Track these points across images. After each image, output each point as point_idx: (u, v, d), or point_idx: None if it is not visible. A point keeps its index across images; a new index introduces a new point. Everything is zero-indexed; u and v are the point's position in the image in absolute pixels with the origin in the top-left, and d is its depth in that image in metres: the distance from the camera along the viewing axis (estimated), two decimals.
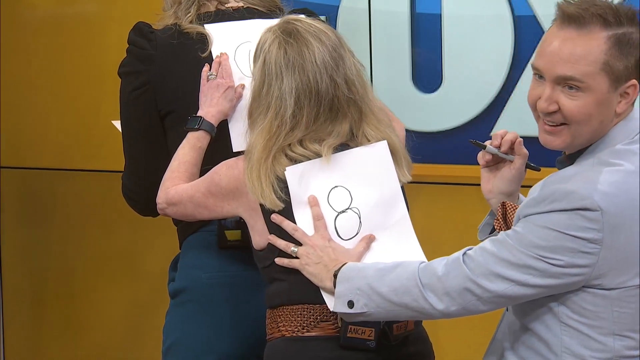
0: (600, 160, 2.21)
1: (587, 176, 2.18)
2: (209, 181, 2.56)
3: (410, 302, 2.26)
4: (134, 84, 2.80)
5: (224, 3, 2.87)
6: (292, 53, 2.48)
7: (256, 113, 2.51)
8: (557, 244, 2.15)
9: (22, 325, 4.55)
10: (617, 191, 2.15)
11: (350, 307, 2.32)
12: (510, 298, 2.21)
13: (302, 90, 2.46)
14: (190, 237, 2.82)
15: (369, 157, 2.52)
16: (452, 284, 2.22)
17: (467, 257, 2.23)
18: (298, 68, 2.47)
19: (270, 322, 2.54)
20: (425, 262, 2.30)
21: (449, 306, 2.23)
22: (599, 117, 2.21)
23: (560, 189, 2.16)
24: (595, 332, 2.21)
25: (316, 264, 2.42)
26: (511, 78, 3.43)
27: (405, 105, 3.53)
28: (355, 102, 2.52)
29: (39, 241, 4.45)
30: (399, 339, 2.51)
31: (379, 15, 3.58)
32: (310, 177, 2.48)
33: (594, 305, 2.20)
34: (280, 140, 2.46)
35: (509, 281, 2.19)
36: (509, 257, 2.19)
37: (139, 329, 4.29)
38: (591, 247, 2.14)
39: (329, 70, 2.48)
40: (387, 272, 2.30)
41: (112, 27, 4.08)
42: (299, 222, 2.47)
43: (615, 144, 2.23)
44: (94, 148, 4.23)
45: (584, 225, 2.14)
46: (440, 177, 3.50)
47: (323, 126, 2.49)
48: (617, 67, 2.18)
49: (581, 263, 2.15)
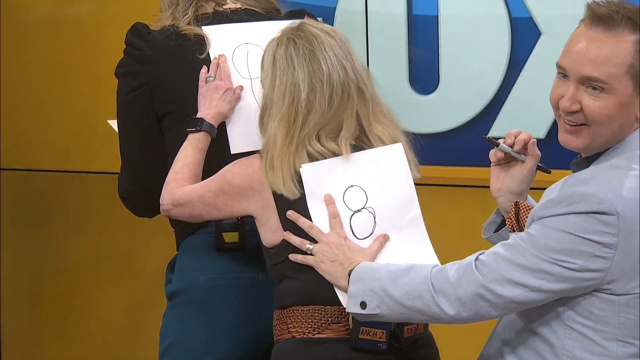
0: (618, 165, 2.20)
1: (606, 180, 2.17)
2: (221, 179, 2.56)
3: (422, 306, 2.25)
4: (131, 85, 2.80)
5: (221, 4, 2.87)
6: (301, 43, 2.52)
7: (271, 107, 2.52)
8: (572, 247, 2.14)
9: (20, 326, 4.55)
10: (635, 196, 2.14)
11: (362, 307, 2.31)
12: (523, 304, 2.20)
13: (314, 74, 2.50)
14: (188, 239, 2.82)
15: (385, 158, 2.54)
16: (465, 290, 2.21)
17: (479, 262, 2.22)
18: (309, 55, 2.51)
19: (279, 323, 2.53)
20: (438, 265, 2.30)
21: (461, 312, 2.22)
22: (619, 119, 2.21)
23: (579, 192, 2.16)
24: (599, 337, 2.21)
25: (332, 262, 2.42)
26: (508, 80, 3.43)
27: (402, 106, 3.49)
28: (363, 93, 2.55)
29: (36, 242, 4.45)
30: (410, 342, 2.51)
31: (375, 17, 3.58)
32: (326, 176, 2.49)
33: (602, 310, 2.19)
34: (299, 126, 2.48)
35: (522, 287, 2.18)
36: (523, 261, 2.18)
37: (137, 330, 4.29)
38: (606, 252, 2.14)
39: (338, 57, 2.52)
40: (400, 275, 2.30)
41: (109, 29, 4.08)
42: (314, 219, 2.47)
43: (633, 149, 2.22)
44: (91, 150, 4.23)
45: (600, 229, 2.13)
46: (438, 178, 3.51)
47: (337, 112, 2.51)
48: None
49: (595, 267, 2.15)
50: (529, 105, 3.37)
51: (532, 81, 3.39)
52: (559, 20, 3.30)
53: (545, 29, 3.36)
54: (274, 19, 2.86)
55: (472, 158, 3.49)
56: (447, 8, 3.49)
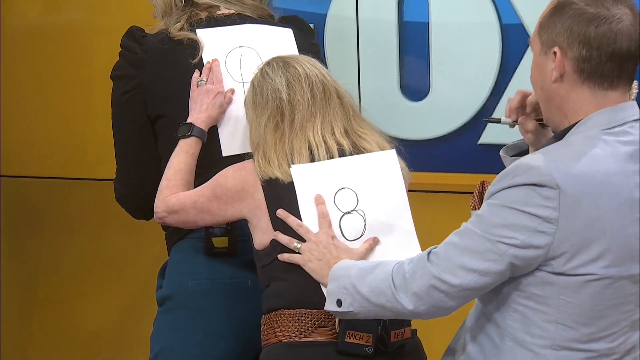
0: (572, 142, 2.22)
1: (552, 154, 2.19)
2: (214, 184, 2.58)
3: (385, 302, 2.26)
4: (125, 88, 2.81)
5: (214, 12, 2.88)
6: (274, 61, 2.61)
7: (255, 118, 2.57)
8: (513, 221, 2.15)
9: (13, 331, 4.54)
10: (579, 172, 2.15)
11: (339, 305, 2.32)
12: (475, 289, 2.21)
13: (291, 77, 2.56)
14: (178, 244, 2.82)
15: (378, 163, 2.56)
16: (418, 283, 2.22)
17: (432, 254, 2.24)
18: (283, 65, 2.58)
19: (266, 327, 2.54)
20: (400, 261, 2.30)
21: (418, 306, 2.22)
22: (537, 81, 2.27)
23: (523, 163, 2.18)
24: (539, 319, 2.21)
25: (319, 261, 2.44)
26: (499, 86, 3.44)
27: (393, 113, 3.53)
28: (341, 100, 2.59)
29: (29, 248, 4.45)
30: (396, 346, 2.51)
31: (366, 24, 3.59)
32: (317, 177, 2.51)
33: (542, 291, 2.20)
34: (288, 122, 2.53)
35: (473, 272, 2.19)
36: (470, 244, 2.19)
37: (130, 335, 4.28)
38: (547, 227, 2.15)
39: (313, 64, 2.60)
40: (368, 272, 2.31)
41: (100, 35, 4.07)
42: (304, 219, 2.49)
43: (591, 128, 2.22)
44: (83, 157, 4.22)
45: (541, 203, 2.14)
46: (428, 185, 3.51)
47: (323, 106, 2.55)
48: (545, 31, 2.23)
49: (537, 243, 2.16)
50: None
51: (523, 87, 3.38)
52: None
53: None
54: (267, 24, 2.87)
55: (463, 164, 3.50)
56: (437, 15, 3.50)
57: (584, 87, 2.22)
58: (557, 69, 2.21)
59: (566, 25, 2.20)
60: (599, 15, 2.19)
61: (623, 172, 2.18)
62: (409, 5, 3.53)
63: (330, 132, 2.56)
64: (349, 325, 2.43)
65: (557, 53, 2.21)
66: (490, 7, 3.42)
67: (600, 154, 2.18)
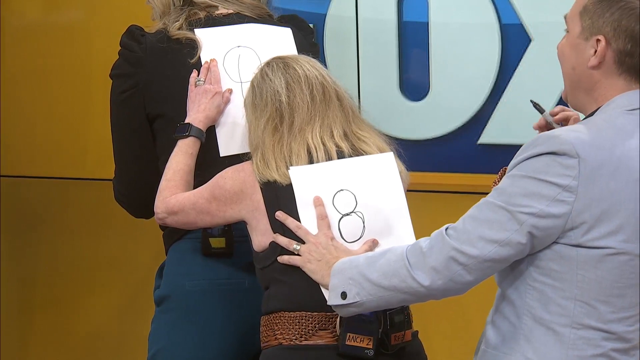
0: (593, 120, 2.24)
1: (575, 127, 2.22)
2: (213, 185, 2.58)
3: (399, 283, 2.25)
4: (123, 87, 2.81)
5: (213, 12, 2.88)
6: (273, 61, 2.60)
7: (255, 119, 2.56)
8: (533, 190, 2.16)
9: (13, 331, 4.54)
10: (600, 143, 2.17)
11: (343, 298, 2.31)
12: (495, 261, 2.20)
13: (291, 79, 2.56)
14: (175, 244, 2.82)
15: (376, 165, 2.57)
16: (437, 257, 2.21)
17: (450, 229, 2.24)
18: (283, 66, 2.58)
19: (266, 329, 2.54)
20: (413, 242, 2.29)
21: (436, 280, 2.21)
22: (571, 59, 2.28)
23: (545, 134, 2.20)
24: (557, 295, 2.21)
25: (318, 261, 2.45)
26: (498, 86, 3.43)
27: (392, 113, 3.53)
28: (341, 102, 2.59)
29: (29, 248, 4.45)
30: (396, 349, 2.51)
31: (366, 24, 3.58)
32: (316, 179, 2.52)
33: (560, 266, 2.20)
34: (287, 125, 2.53)
35: (492, 242, 2.18)
36: (490, 215, 2.19)
37: (129, 335, 4.28)
38: (566, 196, 2.15)
39: (313, 65, 2.60)
40: (377, 258, 2.30)
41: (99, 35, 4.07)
42: (303, 221, 2.49)
43: (613, 109, 2.24)
44: (81, 156, 4.22)
45: (561, 172, 2.15)
46: (428, 185, 3.50)
47: (322, 109, 2.55)
48: (589, 15, 2.24)
49: (556, 212, 2.16)
50: (520, 111, 3.37)
51: (523, 87, 3.39)
52: (549, 27, 3.31)
53: (535, 35, 3.37)
54: (266, 23, 2.87)
55: (463, 164, 3.49)
56: (437, 15, 3.49)
57: (620, 79, 2.25)
58: (599, 57, 2.24)
59: (615, 17, 2.22)
60: None
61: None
62: (409, 5, 3.53)
63: (329, 135, 2.56)
64: (349, 328, 2.43)
65: (602, 42, 2.23)
66: (490, 7, 3.42)
67: (621, 129, 2.21)
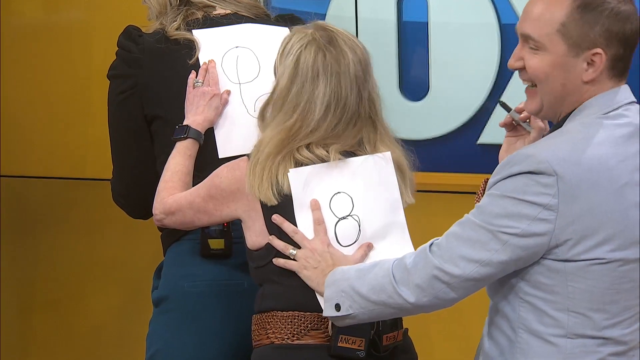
0: (568, 129, 2.22)
1: (550, 142, 2.20)
2: (210, 184, 2.56)
3: (386, 299, 2.26)
4: (121, 87, 2.80)
5: (210, 12, 2.87)
6: (330, 59, 2.49)
7: (278, 110, 2.51)
8: (513, 210, 2.15)
9: (13, 331, 4.54)
10: (577, 159, 2.15)
11: (337, 310, 2.32)
12: (478, 280, 2.20)
13: (333, 98, 2.47)
14: (174, 245, 2.82)
15: (373, 166, 2.54)
16: (421, 274, 2.22)
17: (434, 245, 2.24)
18: (335, 76, 2.48)
19: (258, 327, 2.53)
20: (400, 257, 2.30)
21: (421, 298, 2.22)
22: (559, 79, 2.22)
23: (521, 153, 2.18)
24: (550, 308, 2.20)
25: (314, 269, 2.44)
26: (498, 86, 3.43)
27: (391, 113, 3.48)
28: (372, 121, 2.55)
29: (29, 248, 4.45)
30: (388, 350, 2.51)
31: (366, 24, 3.58)
32: (314, 181, 2.49)
33: (549, 279, 2.19)
34: (297, 141, 2.48)
35: (474, 262, 2.18)
36: (471, 235, 2.19)
37: (129, 335, 4.27)
38: (547, 214, 2.14)
39: (359, 83, 2.51)
40: (366, 272, 2.31)
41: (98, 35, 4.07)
42: (299, 225, 2.48)
43: (588, 115, 2.22)
44: (80, 156, 4.22)
45: (539, 190, 2.14)
46: (427, 185, 3.49)
47: (338, 133, 2.50)
48: (576, 32, 2.19)
49: (538, 231, 2.15)
50: None
51: (522, 87, 3.35)
52: None
53: None
54: (263, 22, 2.87)
55: (462, 164, 3.49)
56: (437, 15, 3.49)
57: (610, 82, 2.24)
58: (597, 70, 2.21)
59: (605, 26, 2.18)
60: (630, 12, 2.20)
61: (620, 154, 2.19)
62: (408, 5, 3.53)
63: (329, 145, 2.52)
64: (341, 329, 2.42)
65: (601, 55, 2.19)
66: (489, 7, 3.42)
67: (596, 139, 2.18)
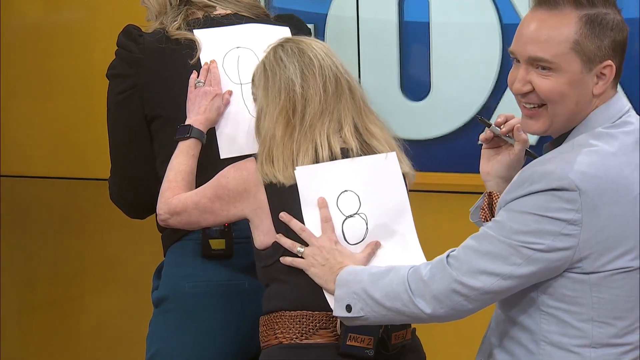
0: (579, 143, 2.21)
1: (565, 157, 2.18)
2: (216, 185, 2.56)
3: (401, 307, 2.25)
4: (121, 87, 2.80)
5: (211, 12, 2.87)
6: (288, 45, 2.55)
7: (266, 109, 2.52)
8: (537, 227, 2.15)
9: (13, 331, 4.54)
10: (595, 171, 2.15)
11: (348, 311, 2.32)
12: (497, 293, 2.20)
13: (306, 67, 2.51)
14: (175, 245, 2.81)
15: (380, 166, 2.55)
16: (439, 286, 2.21)
17: (451, 257, 2.23)
18: (298, 52, 2.53)
19: (266, 328, 2.53)
20: (415, 265, 2.29)
21: (437, 309, 2.22)
22: (574, 97, 2.21)
23: (538, 171, 2.17)
24: (574, 319, 2.20)
25: (322, 266, 2.43)
26: (499, 86, 3.43)
27: (393, 113, 3.51)
28: (353, 94, 2.56)
29: (29, 248, 4.45)
30: (397, 349, 2.51)
31: (367, 24, 3.58)
32: (321, 179, 2.50)
33: (573, 291, 2.19)
34: (299, 118, 2.49)
35: (494, 275, 2.18)
36: (491, 249, 2.18)
37: (129, 337, 4.27)
38: (571, 229, 2.14)
39: (328, 54, 2.55)
40: (380, 276, 2.30)
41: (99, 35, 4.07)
42: (307, 222, 2.48)
43: (595, 127, 2.22)
44: (80, 156, 4.22)
45: (562, 206, 2.13)
46: (429, 185, 3.50)
47: (334, 101, 2.52)
48: (589, 48, 2.18)
49: (562, 246, 2.15)
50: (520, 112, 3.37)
51: None
52: None
53: None
54: (264, 22, 2.87)
55: (464, 164, 3.49)
56: (438, 15, 3.49)
57: (612, 91, 2.25)
58: (607, 82, 2.21)
59: (612, 38, 2.19)
60: (622, 20, 2.21)
61: (632, 163, 2.20)
62: (410, 5, 3.53)
63: (338, 129, 2.53)
64: (350, 327, 2.42)
65: (612, 66, 2.20)
66: (490, 7, 3.41)
67: (611, 149, 2.19)
